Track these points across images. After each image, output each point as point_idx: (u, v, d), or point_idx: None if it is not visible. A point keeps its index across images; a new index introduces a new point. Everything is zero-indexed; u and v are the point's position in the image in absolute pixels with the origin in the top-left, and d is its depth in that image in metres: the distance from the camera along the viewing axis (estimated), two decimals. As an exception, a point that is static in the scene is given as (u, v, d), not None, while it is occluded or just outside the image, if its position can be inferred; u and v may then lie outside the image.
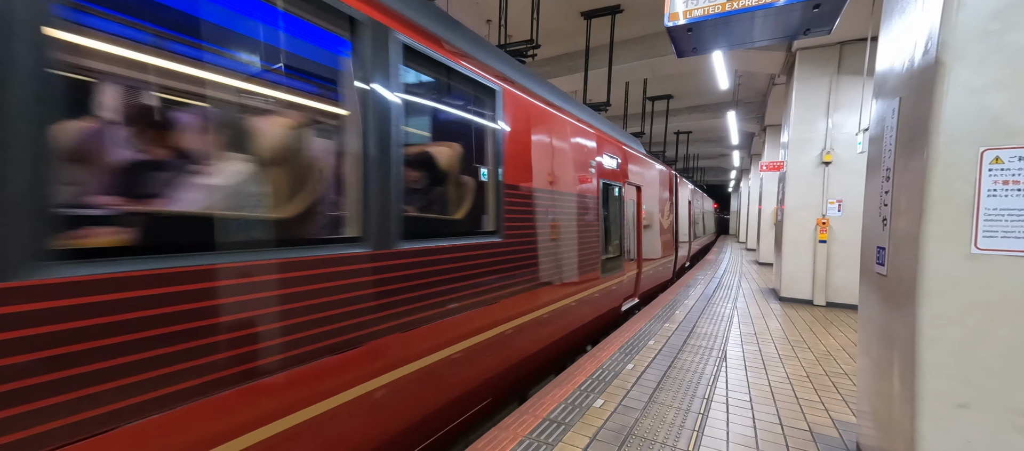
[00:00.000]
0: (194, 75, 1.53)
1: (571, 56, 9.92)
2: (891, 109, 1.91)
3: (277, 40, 1.74)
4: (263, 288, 1.54)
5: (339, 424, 1.84)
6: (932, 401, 1.52)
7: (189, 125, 1.59)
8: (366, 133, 1.94)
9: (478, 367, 2.78)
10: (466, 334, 2.61)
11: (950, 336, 1.49)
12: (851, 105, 6.63)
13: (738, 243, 23.89)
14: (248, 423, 1.51)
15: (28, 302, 1.05)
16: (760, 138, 15.36)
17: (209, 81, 1.54)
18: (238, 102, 1.64)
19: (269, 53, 1.72)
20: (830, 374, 3.70)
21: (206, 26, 1.51)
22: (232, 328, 1.46)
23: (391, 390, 2.08)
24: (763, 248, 13.46)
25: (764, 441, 2.55)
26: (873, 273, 2.07)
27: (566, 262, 4.00)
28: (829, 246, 6.85)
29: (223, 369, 1.43)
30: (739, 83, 12.15)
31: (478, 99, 2.85)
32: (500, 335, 2.98)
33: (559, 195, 3.84)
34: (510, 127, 3.09)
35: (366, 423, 1.99)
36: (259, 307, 1.53)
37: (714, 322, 5.44)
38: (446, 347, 2.44)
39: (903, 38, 1.86)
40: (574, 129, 4.29)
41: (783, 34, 2.48)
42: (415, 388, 2.24)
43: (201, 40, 1.51)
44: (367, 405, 1.96)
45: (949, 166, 1.47)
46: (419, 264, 2.22)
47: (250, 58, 1.66)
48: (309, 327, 1.69)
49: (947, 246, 1.49)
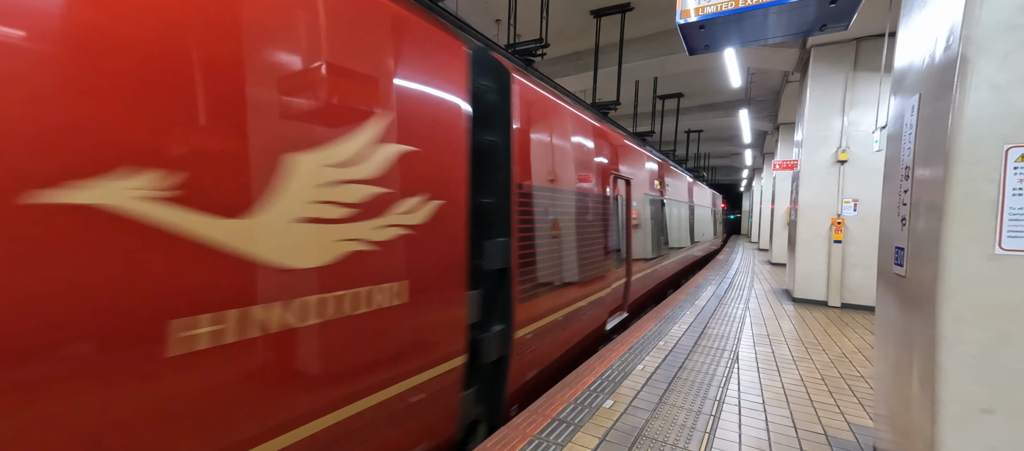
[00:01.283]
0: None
1: (580, 55, 9.87)
2: (910, 106, 1.87)
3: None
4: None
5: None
6: (953, 406, 1.48)
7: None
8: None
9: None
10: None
11: (972, 339, 1.45)
12: (867, 103, 6.50)
13: (750, 243, 23.56)
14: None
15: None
16: (773, 137, 15.13)
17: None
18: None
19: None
20: (846, 377, 3.63)
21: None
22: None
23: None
24: (776, 248, 13.26)
25: (777, 444, 2.50)
26: (891, 274, 2.02)
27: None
28: (844, 246, 6.72)
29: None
30: (752, 81, 11.96)
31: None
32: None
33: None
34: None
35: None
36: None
37: (726, 323, 5.37)
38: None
39: (923, 33, 1.81)
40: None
41: (798, 30, 2.43)
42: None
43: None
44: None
45: (972, 164, 1.43)
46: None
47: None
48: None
49: (970, 246, 1.44)
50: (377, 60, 1.91)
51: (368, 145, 1.85)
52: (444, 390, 2.35)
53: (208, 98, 1.33)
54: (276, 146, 1.51)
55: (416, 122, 2.09)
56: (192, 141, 1.30)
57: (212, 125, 1.34)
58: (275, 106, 1.51)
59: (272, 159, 1.50)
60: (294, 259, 1.56)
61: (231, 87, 1.39)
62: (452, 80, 2.35)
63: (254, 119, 1.45)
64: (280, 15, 1.54)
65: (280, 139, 1.52)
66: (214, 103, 1.35)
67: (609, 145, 5.05)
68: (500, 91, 2.98)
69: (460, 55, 2.44)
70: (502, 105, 2.96)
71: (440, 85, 2.26)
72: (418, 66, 2.13)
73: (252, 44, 1.45)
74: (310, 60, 1.63)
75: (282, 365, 1.55)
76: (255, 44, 1.46)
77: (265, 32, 1.49)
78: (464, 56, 2.47)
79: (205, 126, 1.33)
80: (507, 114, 2.95)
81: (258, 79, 1.46)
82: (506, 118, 2.94)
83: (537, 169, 3.26)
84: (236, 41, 1.41)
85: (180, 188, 1.27)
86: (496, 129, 2.94)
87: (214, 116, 1.35)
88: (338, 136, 1.72)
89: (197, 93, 1.31)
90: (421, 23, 2.18)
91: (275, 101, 1.51)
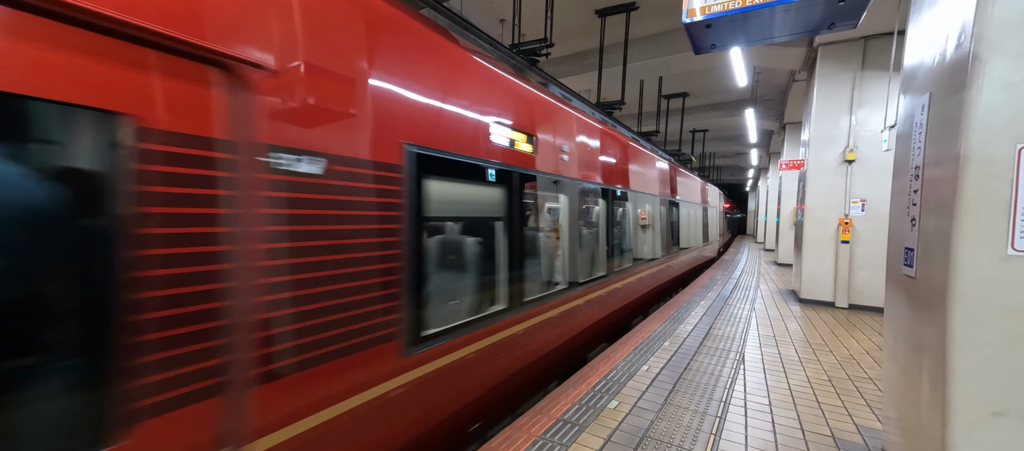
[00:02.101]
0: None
1: (585, 55, 9.85)
2: (921, 105, 1.84)
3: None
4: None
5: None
6: (964, 408, 1.46)
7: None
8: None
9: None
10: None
11: (984, 341, 1.43)
12: (875, 102, 6.43)
13: (756, 243, 23.41)
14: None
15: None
16: (779, 136, 15.01)
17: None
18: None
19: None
20: (853, 378, 3.59)
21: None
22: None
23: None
24: (782, 249, 13.16)
25: (784, 446, 2.49)
26: (900, 275, 1.99)
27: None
28: (852, 247, 6.66)
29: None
30: (758, 80, 11.88)
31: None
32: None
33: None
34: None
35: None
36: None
37: (731, 324, 5.34)
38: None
39: (934, 31, 1.79)
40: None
41: (805, 29, 2.41)
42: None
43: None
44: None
45: (984, 164, 1.41)
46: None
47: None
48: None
49: (981, 247, 1.42)
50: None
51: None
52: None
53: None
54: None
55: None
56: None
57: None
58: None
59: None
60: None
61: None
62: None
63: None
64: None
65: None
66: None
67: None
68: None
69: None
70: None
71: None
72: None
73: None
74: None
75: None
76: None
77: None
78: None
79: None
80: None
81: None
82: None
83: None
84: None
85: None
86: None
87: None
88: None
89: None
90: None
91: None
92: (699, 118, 15.30)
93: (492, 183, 2.82)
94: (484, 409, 2.85)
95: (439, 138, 2.33)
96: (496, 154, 2.84)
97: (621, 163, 5.39)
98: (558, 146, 3.71)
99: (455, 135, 2.46)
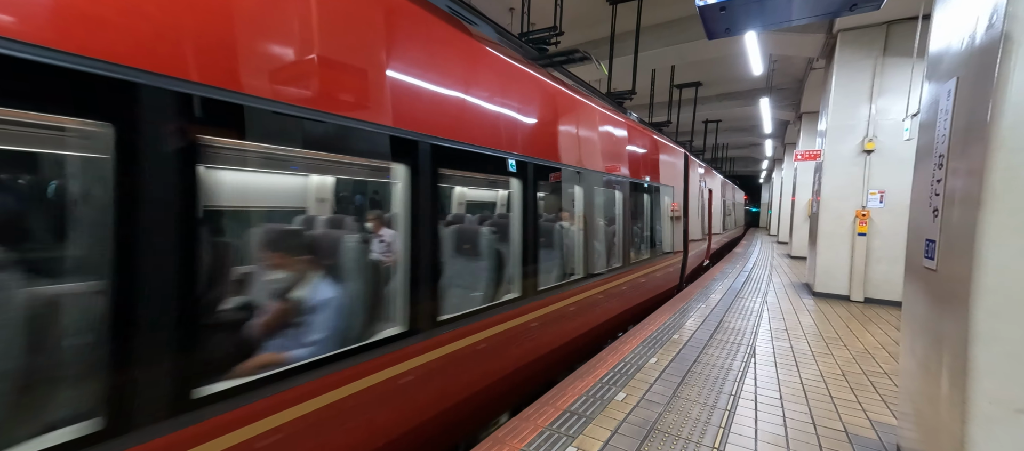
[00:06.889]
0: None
1: (595, 43, 9.68)
2: (946, 91, 1.76)
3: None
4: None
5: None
6: (985, 405, 1.41)
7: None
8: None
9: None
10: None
11: (1008, 336, 1.38)
12: (897, 90, 6.22)
13: (769, 236, 23.03)
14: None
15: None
16: (795, 126, 14.67)
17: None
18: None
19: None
20: (868, 373, 3.52)
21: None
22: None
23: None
24: (796, 241, 12.92)
25: (795, 441, 2.45)
26: (920, 268, 1.93)
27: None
28: (869, 239, 6.50)
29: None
30: (773, 68, 11.56)
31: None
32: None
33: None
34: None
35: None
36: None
37: (742, 317, 5.27)
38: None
39: (962, 13, 1.71)
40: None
41: (825, 11, 2.31)
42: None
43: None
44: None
45: (1014, 151, 1.34)
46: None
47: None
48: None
49: (1008, 238, 1.36)
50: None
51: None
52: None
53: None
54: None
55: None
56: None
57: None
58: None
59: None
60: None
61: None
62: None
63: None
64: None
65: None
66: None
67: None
68: None
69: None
70: None
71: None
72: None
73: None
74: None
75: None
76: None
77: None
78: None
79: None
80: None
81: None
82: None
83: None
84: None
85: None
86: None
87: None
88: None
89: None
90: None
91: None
92: (712, 108, 15.00)
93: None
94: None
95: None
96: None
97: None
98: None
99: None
